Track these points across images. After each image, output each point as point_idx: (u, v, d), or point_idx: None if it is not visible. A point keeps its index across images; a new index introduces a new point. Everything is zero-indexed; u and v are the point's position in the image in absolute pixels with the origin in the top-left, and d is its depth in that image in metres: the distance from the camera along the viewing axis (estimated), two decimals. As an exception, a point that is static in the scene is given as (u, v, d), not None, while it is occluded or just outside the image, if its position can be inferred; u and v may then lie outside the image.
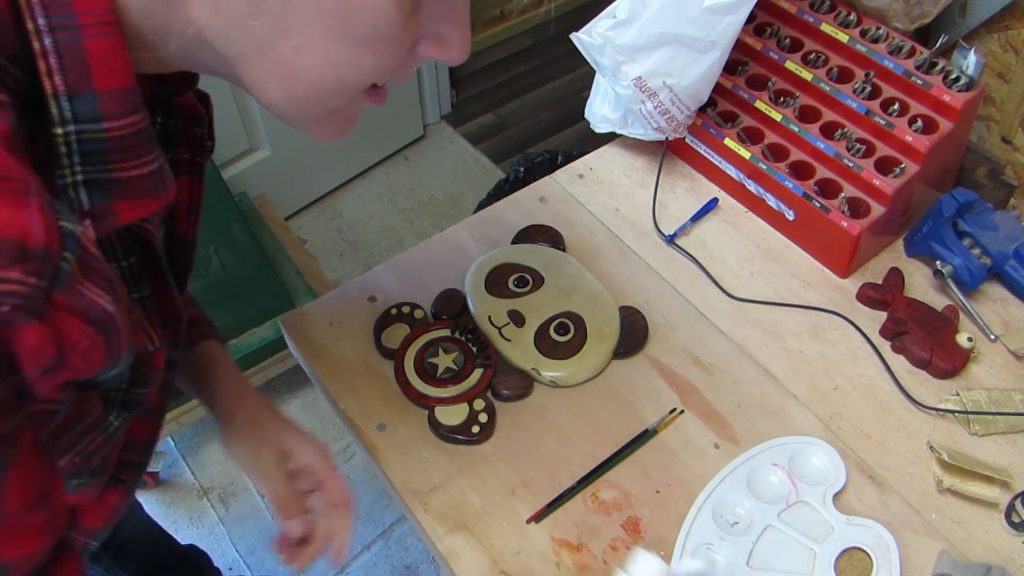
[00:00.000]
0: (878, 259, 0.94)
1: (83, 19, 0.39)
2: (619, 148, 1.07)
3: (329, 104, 0.49)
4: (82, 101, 0.40)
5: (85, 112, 0.41)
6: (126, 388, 0.49)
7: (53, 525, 0.42)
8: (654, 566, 0.59)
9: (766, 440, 0.77)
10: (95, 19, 0.39)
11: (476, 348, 0.83)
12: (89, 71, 0.40)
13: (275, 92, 0.47)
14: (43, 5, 0.38)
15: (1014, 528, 0.72)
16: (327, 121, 0.51)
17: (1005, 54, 0.93)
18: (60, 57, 0.39)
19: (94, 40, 0.39)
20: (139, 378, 0.51)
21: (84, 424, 0.47)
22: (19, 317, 0.35)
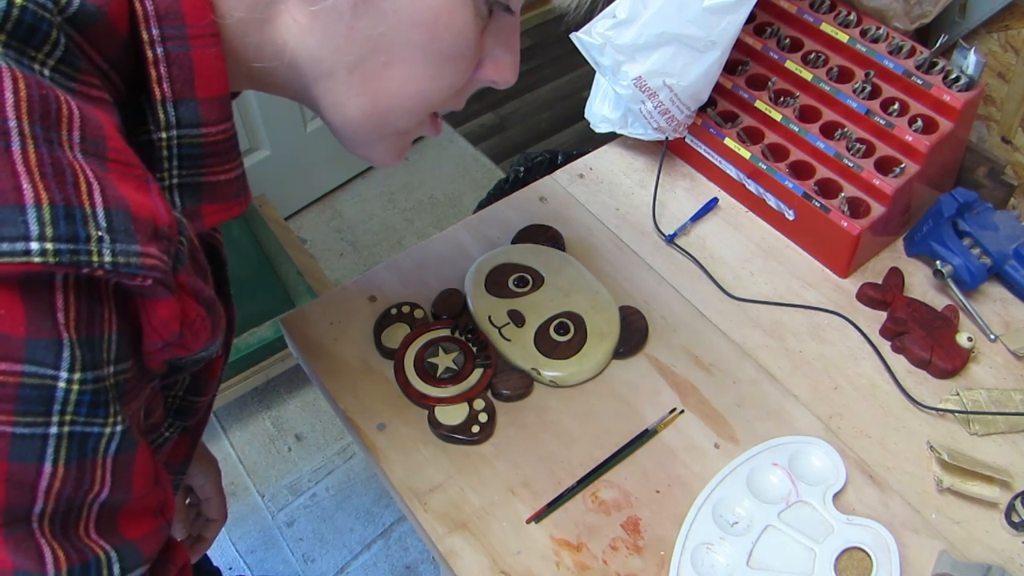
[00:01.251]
0: (878, 259, 0.94)
1: (192, 30, 0.41)
2: (619, 148, 1.07)
3: (402, 123, 0.52)
4: (185, 108, 0.43)
5: (187, 118, 0.43)
6: (183, 395, 0.50)
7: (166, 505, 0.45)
8: None
9: (766, 440, 0.77)
10: (202, 31, 0.42)
11: (476, 348, 0.83)
12: (194, 80, 0.42)
13: (356, 108, 0.49)
14: (157, 16, 0.40)
15: (1014, 528, 0.72)
16: (391, 144, 0.54)
17: (1005, 54, 0.93)
18: (169, 66, 0.42)
19: (200, 51, 0.42)
20: (197, 385, 0.53)
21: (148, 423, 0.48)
22: (159, 291, 0.37)
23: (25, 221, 0.32)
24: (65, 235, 0.33)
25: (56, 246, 0.33)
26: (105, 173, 0.36)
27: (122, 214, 0.35)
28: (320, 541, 1.56)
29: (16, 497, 0.37)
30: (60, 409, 0.36)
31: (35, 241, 0.32)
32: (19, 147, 0.33)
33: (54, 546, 0.39)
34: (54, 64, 0.37)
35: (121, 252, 0.35)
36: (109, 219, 0.35)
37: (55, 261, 0.33)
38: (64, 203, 0.34)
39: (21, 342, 0.34)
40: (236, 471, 1.64)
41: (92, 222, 0.34)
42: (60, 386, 0.36)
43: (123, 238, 0.35)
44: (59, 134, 0.35)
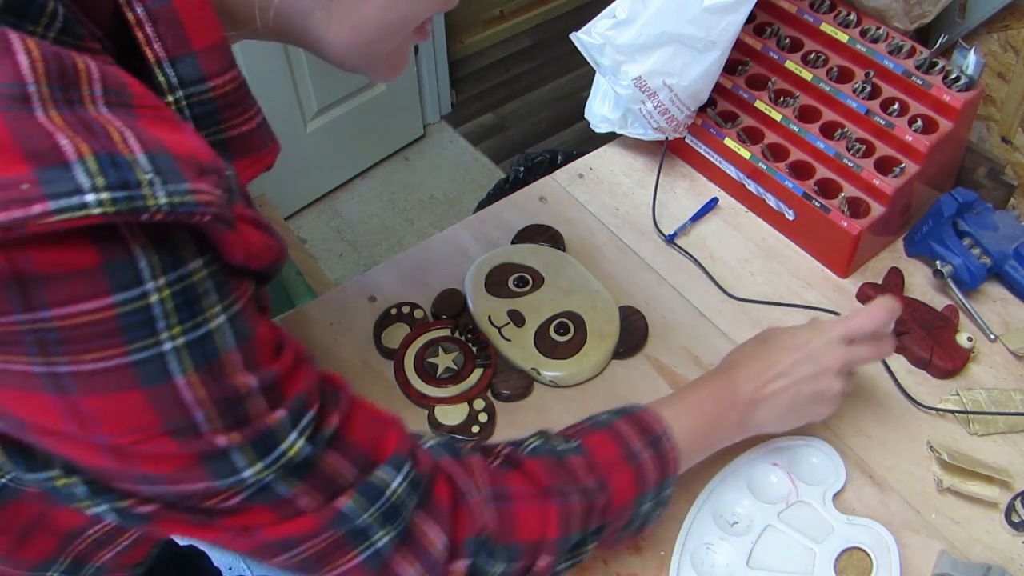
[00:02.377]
0: (878, 259, 0.94)
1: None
2: (619, 148, 1.07)
3: (391, 44, 0.52)
4: (184, 64, 0.41)
5: (189, 74, 0.42)
6: None
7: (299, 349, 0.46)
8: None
9: (766, 440, 0.77)
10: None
11: (476, 348, 0.83)
12: (185, 32, 0.41)
13: (341, 42, 0.50)
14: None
15: (1014, 528, 0.72)
16: (387, 63, 0.54)
17: (1005, 54, 0.93)
18: (155, 23, 0.40)
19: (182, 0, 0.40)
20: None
21: None
22: (218, 226, 0.36)
23: (74, 177, 0.32)
24: (116, 182, 0.32)
25: (111, 195, 0.32)
26: (135, 121, 0.35)
27: (163, 156, 0.34)
28: (320, 541, 1.56)
29: (168, 414, 0.38)
30: (165, 324, 0.36)
31: (89, 193, 0.32)
32: (41, 111, 0.33)
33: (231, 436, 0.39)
34: (55, 36, 0.37)
35: (175, 191, 0.34)
36: (153, 162, 0.34)
37: (114, 210, 0.32)
38: (105, 151, 0.33)
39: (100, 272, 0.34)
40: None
41: (137, 167, 0.33)
42: (152, 300, 0.35)
43: (172, 178, 0.34)
44: (79, 91, 0.34)
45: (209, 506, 0.42)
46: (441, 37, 2.30)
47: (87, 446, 0.38)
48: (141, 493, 0.41)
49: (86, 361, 0.35)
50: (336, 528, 0.45)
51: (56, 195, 0.31)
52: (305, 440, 0.43)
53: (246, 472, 0.41)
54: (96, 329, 0.34)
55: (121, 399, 0.37)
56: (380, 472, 0.47)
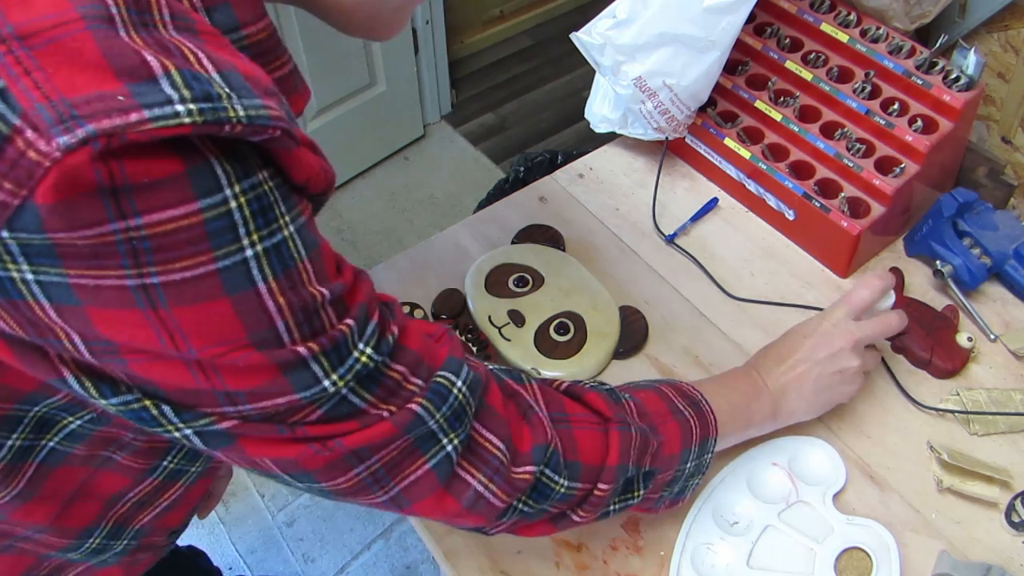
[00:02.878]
0: (878, 259, 0.94)
1: None
2: (619, 148, 1.07)
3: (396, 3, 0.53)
4: (220, 12, 0.43)
5: (226, 22, 0.43)
6: None
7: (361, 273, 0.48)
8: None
9: (766, 440, 0.77)
10: None
11: (476, 348, 0.83)
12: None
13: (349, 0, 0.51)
14: None
15: (1014, 528, 0.72)
16: (391, 19, 0.55)
17: (1005, 54, 0.93)
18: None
19: None
20: None
21: None
22: (287, 142, 0.38)
23: (163, 90, 0.33)
24: (200, 95, 0.34)
25: (199, 106, 0.34)
26: (202, 45, 0.37)
27: (235, 75, 0.36)
28: (320, 541, 1.56)
29: (253, 323, 0.39)
30: (245, 231, 0.37)
31: (179, 104, 0.33)
32: (124, 32, 0.34)
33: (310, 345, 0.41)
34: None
35: (250, 106, 0.36)
36: (227, 80, 0.36)
37: (202, 120, 0.34)
38: (187, 68, 0.35)
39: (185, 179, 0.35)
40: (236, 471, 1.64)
41: (215, 83, 0.35)
42: (232, 205, 0.37)
43: (246, 94, 0.36)
44: (151, 16, 0.36)
45: (294, 420, 0.43)
46: (441, 37, 2.30)
47: (175, 364, 0.40)
48: (225, 412, 0.42)
49: (176, 270, 0.36)
50: (409, 432, 0.47)
51: (150, 104, 0.33)
52: (372, 349, 0.45)
53: (326, 382, 0.42)
54: (185, 235, 0.36)
55: (210, 309, 0.38)
56: (441, 376, 0.49)
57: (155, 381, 0.41)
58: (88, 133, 0.32)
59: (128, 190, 0.34)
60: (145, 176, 0.34)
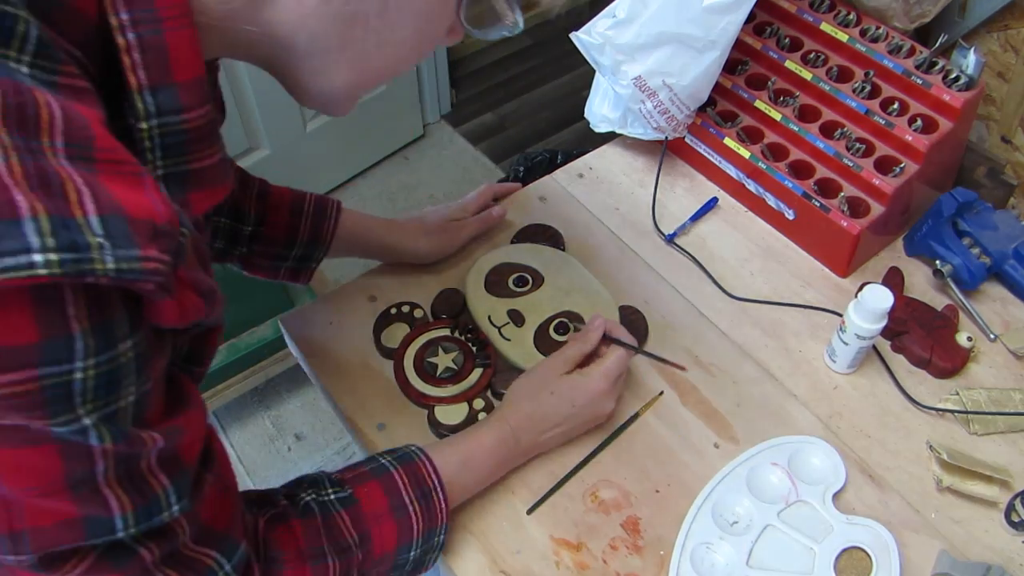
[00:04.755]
0: (878, 258, 0.94)
1: (163, 12, 0.40)
2: (619, 148, 1.07)
3: (374, 88, 0.55)
4: (164, 94, 0.42)
5: (167, 105, 0.42)
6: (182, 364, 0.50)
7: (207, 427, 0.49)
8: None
9: (766, 440, 0.77)
10: (174, 11, 0.41)
11: (476, 348, 0.83)
12: (169, 64, 0.41)
13: (340, 80, 0.51)
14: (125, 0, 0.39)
15: (1014, 527, 0.72)
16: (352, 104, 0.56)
17: (1005, 53, 0.93)
18: (143, 52, 0.40)
19: (173, 33, 0.41)
20: (195, 355, 0.53)
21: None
22: (159, 295, 0.37)
23: (24, 233, 0.32)
24: (66, 244, 0.33)
25: (60, 256, 0.32)
26: (95, 176, 0.35)
27: (118, 219, 0.34)
28: (320, 541, 1.56)
29: (74, 468, 0.39)
30: (82, 400, 0.37)
31: (38, 253, 0.32)
32: (2, 160, 0.32)
33: (118, 492, 0.41)
34: (30, 60, 0.36)
35: (123, 258, 0.34)
36: (105, 226, 0.34)
37: (60, 272, 0.33)
38: (58, 213, 0.33)
39: (35, 348, 0.34)
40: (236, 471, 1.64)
41: (88, 230, 0.33)
42: (77, 377, 0.36)
43: (123, 243, 0.34)
44: (40, 142, 0.34)
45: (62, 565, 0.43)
46: (441, 37, 2.29)
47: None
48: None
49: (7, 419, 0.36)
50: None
51: (3, 253, 0.31)
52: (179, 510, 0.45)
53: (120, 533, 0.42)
54: (18, 400, 0.35)
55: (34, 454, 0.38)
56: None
57: None
58: None
59: None
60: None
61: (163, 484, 0.44)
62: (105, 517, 0.41)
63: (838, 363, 0.83)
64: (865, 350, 0.81)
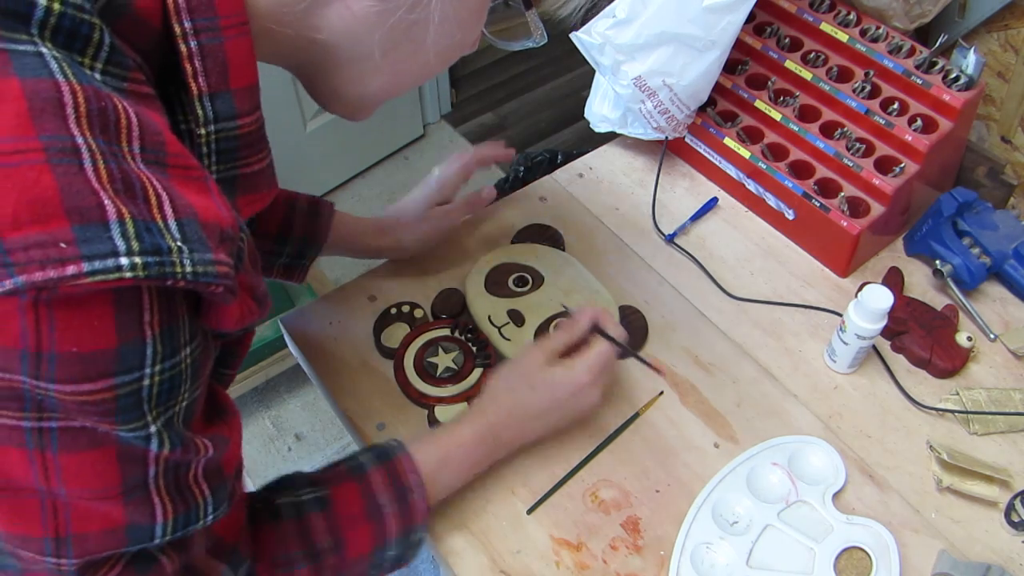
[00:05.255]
0: (878, 258, 0.94)
1: (224, 21, 0.41)
2: (619, 147, 1.07)
3: (400, 95, 0.55)
4: (221, 101, 0.43)
5: (224, 111, 0.43)
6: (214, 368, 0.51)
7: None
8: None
9: (766, 439, 0.77)
10: (234, 20, 0.42)
11: (476, 347, 0.83)
12: (227, 71, 0.42)
13: (375, 87, 0.52)
14: (189, 9, 0.40)
15: (1014, 527, 0.72)
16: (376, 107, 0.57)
17: (1005, 53, 0.93)
18: (204, 59, 0.41)
19: (233, 41, 0.42)
20: (229, 357, 0.54)
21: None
22: (226, 297, 0.38)
23: (111, 237, 0.33)
24: (150, 248, 0.34)
25: (144, 259, 0.33)
26: (168, 181, 0.36)
27: (193, 223, 0.36)
28: (320, 541, 1.56)
29: (130, 470, 0.40)
30: (149, 407, 0.38)
31: (124, 256, 0.33)
32: (90, 164, 0.33)
33: (164, 499, 0.42)
34: (103, 66, 0.37)
35: (199, 261, 0.35)
36: (182, 230, 0.35)
37: (144, 275, 0.33)
38: (141, 217, 0.34)
39: (113, 354, 0.35)
40: (236, 471, 1.64)
41: (168, 234, 0.34)
42: (145, 384, 0.37)
43: (198, 247, 0.36)
44: (120, 146, 0.35)
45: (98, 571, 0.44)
46: (441, 37, 2.29)
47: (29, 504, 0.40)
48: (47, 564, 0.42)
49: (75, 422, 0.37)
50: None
51: (92, 256, 0.32)
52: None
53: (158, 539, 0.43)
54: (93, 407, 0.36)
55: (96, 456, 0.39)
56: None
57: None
58: (16, 285, 0.31)
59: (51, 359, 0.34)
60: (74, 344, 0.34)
61: (204, 494, 0.44)
62: (148, 525, 0.42)
63: (838, 363, 0.83)
64: (865, 350, 0.81)
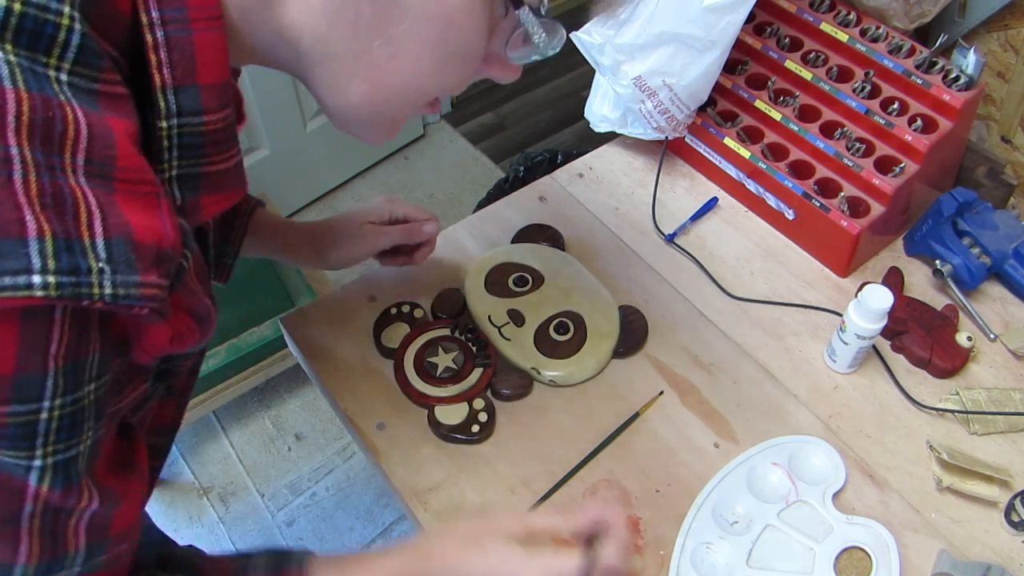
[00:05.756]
0: (878, 258, 0.94)
1: (194, 12, 0.40)
2: (619, 147, 1.07)
3: (399, 111, 0.51)
4: (186, 94, 0.41)
5: (188, 106, 0.42)
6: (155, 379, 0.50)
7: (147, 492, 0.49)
8: None
9: (766, 439, 0.77)
10: (204, 13, 0.40)
11: (476, 347, 0.83)
12: (195, 65, 0.41)
13: (355, 94, 0.49)
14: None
15: (1014, 527, 0.72)
16: (383, 127, 0.54)
17: (1005, 53, 0.93)
18: (170, 51, 0.40)
19: (202, 34, 0.41)
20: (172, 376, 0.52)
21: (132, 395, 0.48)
22: (153, 319, 0.37)
23: (27, 254, 0.32)
24: (67, 267, 0.33)
25: (58, 279, 0.33)
26: (110, 195, 0.35)
27: (122, 243, 0.35)
28: (320, 540, 1.56)
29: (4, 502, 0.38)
30: (43, 441, 0.37)
31: (37, 274, 0.32)
32: (20, 176, 0.33)
33: (33, 540, 0.40)
34: (70, 67, 0.36)
35: (121, 283, 0.34)
36: (109, 250, 0.34)
37: (57, 294, 0.33)
38: (64, 236, 0.33)
39: (9, 380, 0.34)
40: (236, 471, 1.64)
41: (92, 253, 0.34)
42: (43, 417, 0.36)
43: (123, 269, 0.35)
44: (62, 158, 0.34)
45: None
46: (441, 37, 2.29)
47: None
48: None
49: None
50: None
51: (2, 272, 0.31)
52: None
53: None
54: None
55: None
56: None
57: None
58: None
59: None
60: None
61: (78, 546, 0.42)
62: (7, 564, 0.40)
63: (838, 363, 0.83)
64: (865, 350, 0.81)
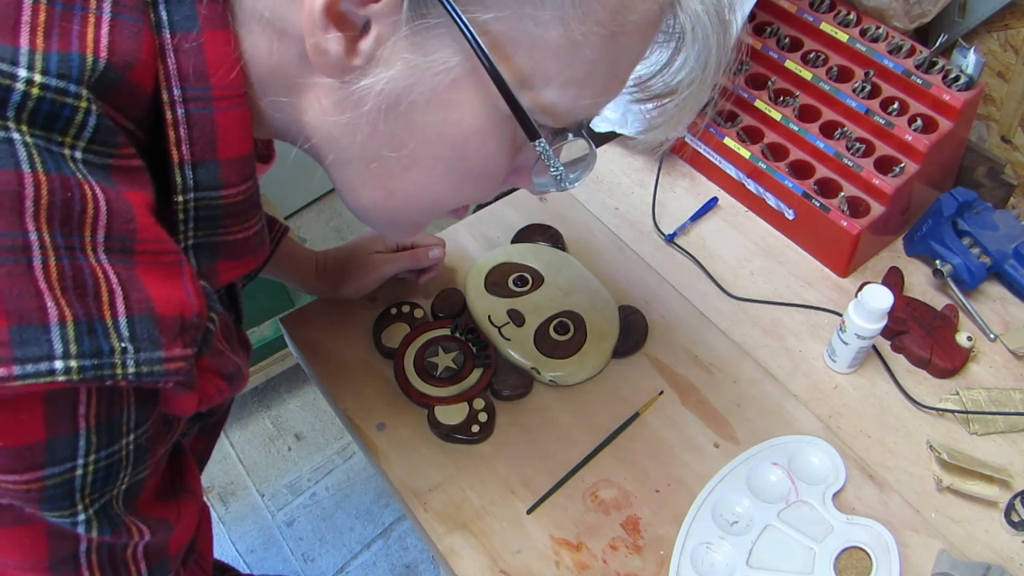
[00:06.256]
0: (878, 258, 0.94)
1: (217, 92, 0.40)
2: (619, 148, 1.07)
3: (416, 219, 0.51)
4: (204, 170, 0.41)
5: (206, 181, 0.42)
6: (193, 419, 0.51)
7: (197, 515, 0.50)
8: None
9: (766, 439, 0.77)
10: (228, 92, 0.40)
11: (476, 347, 0.83)
12: (215, 142, 0.41)
13: (368, 199, 0.49)
14: (180, 76, 0.39)
15: (1014, 527, 0.72)
16: (404, 228, 0.54)
17: (1005, 53, 0.93)
18: (190, 128, 0.40)
19: (225, 113, 0.41)
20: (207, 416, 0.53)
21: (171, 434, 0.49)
22: (179, 391, 0.37)
23: (49, 340, 0.32)
24: (89, 351, 0.33)
25: (80, 363, 0.33)
26: (132, 270, 0.35)
27: (146, 320, 0.35)
28: (320, 540, 1.56)
29: (59, 546, 0.39)
30: (80, 496, 0.37)
31: (59, 360, 0.32)
32: (40, 261, 0.33)
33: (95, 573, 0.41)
34: (86, 144, 0.36)
35: (144, 361, 0.35)
36: (132, 328, 0.34)
37: (79, 378, 0.33)
38: (86, 319, 0.33)
39: (41, 447, 0.35)
40: (236, 471, 1.64)
41: (115, 333, 0.34)
42: (78, 474, 0.36)
43: (147, 346, 0.35)
44: (82, 237, 0.34)
45: None
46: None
47: None
48: None
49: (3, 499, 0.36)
50: None
51: (24, 359, 0.32)
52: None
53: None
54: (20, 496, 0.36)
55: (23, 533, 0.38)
56: None
57: None
58: None
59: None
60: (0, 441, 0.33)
61: (140, 571, 0.43)
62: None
63: (838, 363, 0.83)
64: (865, 350, 0.81)
